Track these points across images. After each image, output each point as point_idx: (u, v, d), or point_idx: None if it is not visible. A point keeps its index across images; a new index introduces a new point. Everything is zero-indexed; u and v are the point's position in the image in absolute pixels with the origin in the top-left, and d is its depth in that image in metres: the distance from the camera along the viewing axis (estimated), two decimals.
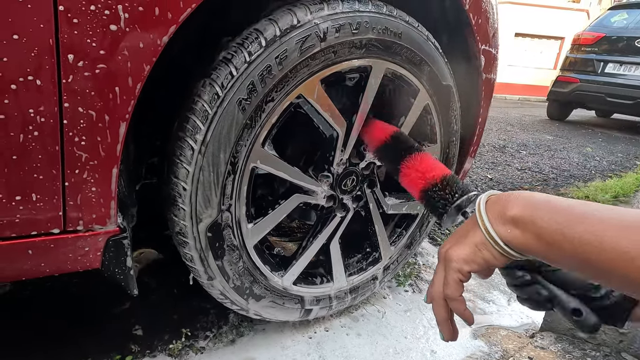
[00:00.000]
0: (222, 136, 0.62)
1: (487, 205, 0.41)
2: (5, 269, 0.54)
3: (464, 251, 0.41)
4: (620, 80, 4.54)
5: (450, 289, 0.42)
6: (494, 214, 0.40)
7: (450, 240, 0.44)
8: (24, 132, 0.47)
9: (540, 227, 0.36)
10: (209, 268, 0.71)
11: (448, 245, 0.44)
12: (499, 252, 0.39)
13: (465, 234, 0.42)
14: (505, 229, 0.38)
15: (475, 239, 0.41)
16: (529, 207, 0.37)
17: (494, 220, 0.39)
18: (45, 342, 0.82)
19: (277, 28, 0.62)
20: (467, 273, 0.42)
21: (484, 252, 0.40)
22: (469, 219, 0.44)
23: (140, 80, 0.50)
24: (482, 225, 0.40)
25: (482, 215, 0.41)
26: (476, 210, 0.42)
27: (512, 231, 0.38)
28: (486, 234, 0.40)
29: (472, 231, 0.42)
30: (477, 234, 0.41)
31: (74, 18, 0.45)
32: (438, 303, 0.44)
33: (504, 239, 0.39)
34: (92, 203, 0.54)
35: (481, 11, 0.87)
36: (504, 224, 0.39)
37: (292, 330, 0.94)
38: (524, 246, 0.37)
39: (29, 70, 0.44)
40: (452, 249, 0.43)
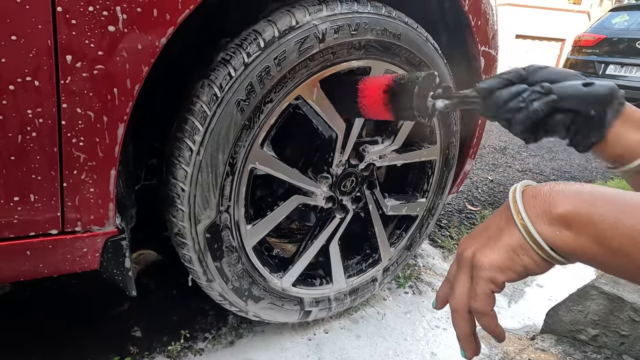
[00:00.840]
0: (220, 137, 0.62)
1: (525, 201, 0.33)
2: (4, 269, 0.54)
3: (498, 256, 0.34)
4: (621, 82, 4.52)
5: (480, 302, 0.35)
6: (536, 210, 0.32)
7: (475, 239, 0.36)
8: (22, 133, 0.47)
9: (603, 229, 0.29)
10: (207, 269, 0.71)
11: (473, 246, 0.36)
12: (542, 259, 0.32)
13: (497, 234, 0.35)
14: (553, 230, 0.31)
15: (511, 242, 0.33)
16: (584, 203, 0.30)
17: (536, 219, 0.32)
18: (44, 343, 0.82)
19: (275, 29, 0.62)
20: (501, 284, 0.34)
21: (523, 258, 0.33)
22: (498, 214, 0.36)
23: (138, 81, 0.50)
24: (522, 225, 0.33)
25: (520, 213, 0.33)
26: (511, 204, 0.34)
27: (561, 233, 0.31)
28: (527, 237, 0.32)
29: (507, 231, 0.34)
30: (514, 236, 0.33)
31: (72, 19, 0.45)
32: (462, 316, 0.36)
33: (550, 242, 0.32)
34: (90, 204, 0.54)
35: (480, 12, 0.87)
36: (551, 224, 0.31)
37: (291, 332, 0.94)
38: (578, 252, 0.31)
39: (27, 71, 0.44)
40: (480, 253, 0.35)
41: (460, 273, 0.37)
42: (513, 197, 0.35)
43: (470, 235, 0.38)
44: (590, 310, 0.96)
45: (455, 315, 0.37)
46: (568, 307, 1.00)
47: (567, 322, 0.99)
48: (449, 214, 1.80)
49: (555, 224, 0.31)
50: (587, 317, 0.97)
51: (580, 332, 0.98)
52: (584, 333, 0.97)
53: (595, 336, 0.96)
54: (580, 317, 0.98)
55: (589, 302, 0.97)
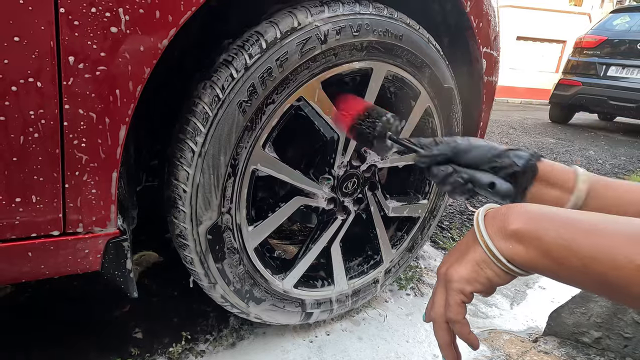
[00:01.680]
0: (222, 138, 0.62)
1: (486, 220, 0.39)
2: (5, 271, 0.54)
3: (465, 270, 0.39)
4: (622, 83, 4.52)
5: (452, 311, 0.40)
6: (494, 228, 0.38)
7: (449, 259, 0.42)
8: (24, 134, 0.47)
9: (546, 242, 0.34)
10: (209, 271, 0.71)
11: (447, 264, 0.42)
12: (502, 270, 0.37)
13: (465, 251, 0.40)
14: (507, 244, 0.36)
15: (475, 257, 0.39)
16: (531, 220, 0.35)
17: (495, 236, 0.37)
18: (45, 344, 0.82)
19: (277, 30, 0.62)
20: (469, 294, 0.39)
21: (486, 271, 0.38)
22: (468, 234, 0.42)
23: (140, 82, 0.50)
24: (482, 242, 0.38)
25: (481, 231, 0.38)
26: (474, 225, 0.40)
27: (514, 247, 0.36)
28: (487, 251, 0.37)
29: (472, 248, 0.39)
30: (478, 251, 0.38)
31: (74, 20, 0.45)
32: (440, 326, 0.41)
33: (506, 255, 0.36)
34: (92, 205, 0.54)
35: (482, 14, 0.87)
36: (506, 239, 0.36)
37: (293, 334, 0.94)
38: (528, 263, 0.35)
39: (30, 72, 0.45)
40: (452, 268, 0.40)
41: (437, 288, 0.42)
42: (476, 218, 0.40)
43: (447, 255, 0.44)
44: (593, 313, 0.96)
45: (435, 326, 0.42)
46: (571, 310, 0.99)
47: (570, 324, 0.99)
48: (451, 216, 1.79)
49: (510, 239, 0.36)
50: (590, 319, 0.96)
51: (583, 335, 0.97)
52: (587, 335, 0.97)
53: (599, 339, 0.95)
54: (583, 320, 0.97)
55: (592, 304, 0.96)
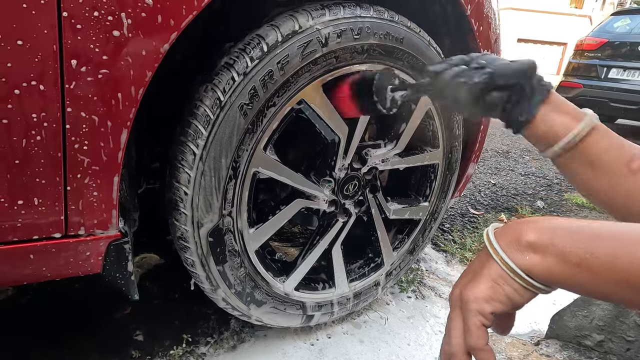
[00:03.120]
0: (223, 141, 0.62)
1: (497, 235, 0.37)
2: (7, 273, 0.54)
3: (482, 288, 0.36)
4: (623, 86, 4.52)
5: (473, 337, 0.36)
6: (507, 242, 0.36)
7: (462, 281, 0.39)
8: (26, 136, 0.47)
9: (563, 248, 0.33)
10: (210, 273, 0.71)
11: (460, 286, 0.39)
12: (521, 286, 0.35)
13: (479, 269, 0.37)
14: (523, 256, 0.35)
15: (491, 273, 0.36)
16: (546, 230, 0.35)
17: (508, 249, 0.36)
18: (46, 346, 0.82)
19: (279, 33, 0.62)
20: (489, 315, 0.36)
21: (504, 287, 0.36)
22: (478, 256, 0.40)
23: (142, 86, 0.51)
24: (497, 256, 0.36)
25: (493, 245, 0.37)
26: (485, 242, 0.38)
27: (531, 258, 0.34)
28: (503, 265, 0.35)
29: (487, 265, 0.37)
30: (493, 267, 0.36)
31: (77, 24, 0.45)
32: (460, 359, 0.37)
33: (524, 268, 0.35)
34: (93, 208, 0.54)
35: (483, 17, 0.87)
36: (521, 251, 0.35)
37: (294, 337, 0.94)
38: (547, 273, 0.34)
39: (33, 75, 0.45)
40: (467, 289, 0.37)
41: (452, 314, 0.39)
42: (487, 236, 0.39)
43: (458, 280, 0.41)
44: (596, 316, 0.95)
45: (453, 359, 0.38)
46: (573, 312, 0.99)
47: (572, 327, 0.98)
48: (452, 218, 1.79)
49: (525, 251, 0.35)
50: (592, 322, 0.96)
51: (585, 338, 0.97)
52: (589, 339, 0.96)
53: (601, 342, 0.95)
54: (585, 323, 0.97)
55: (594, 307, 0.96)
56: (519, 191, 2.29)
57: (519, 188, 2.35)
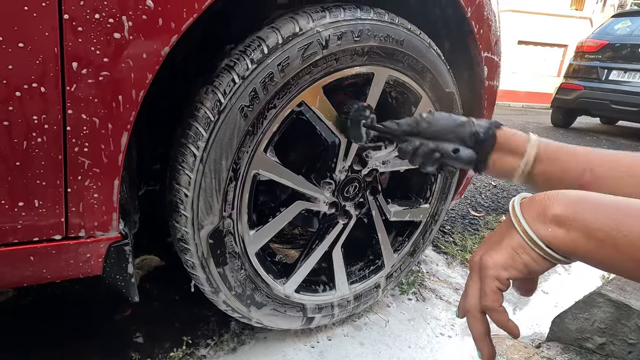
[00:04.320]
0: (224, 143, 0.62)
1: (522, 207, 0.38)
2: (8, 275, 0.54)
3: (501, 256, 0.38)
4: (624, 87, 4.52)
5: (488, 299, 0.38)
6: (532, 214, 0.37)
7: (482, 247, 0.41)
8: (27, 138, 0.47)
9: (590, 223, 0.33)
10: (210, 275, 0.71)
11: (481, 252, 0.40)
12: (539, 255, 0.36)
13: (500, 238, 0.39)
14: (546, 228, 0.35)
15: (512, 242, 0.37)
16: (572, 203, 0.35)
17: (533, 221, 0.36)
18: (46, 348, 0.82)
19: (279, 36, 0.62)
20: (506, 280, 0.38)
21: (523, 256, 0.37)
22: (501, 224, 0.41)
23: (142, 88, 0.51)
24: (519, 227, 0.37)
25: (517, 216, 0.37)
26: (510, 211, 0.39)
27: (554, 230, 0.35)
28: (524, 236, 0.37)
29: (508, 234, 0.38)
30: (514, 237, 0.37)
31: (78, 26, 0.45)
32: (475, 317, 0.39)
33: (545, 240, 0.36)
34: (94, 209, 0.55)
35: (483, 19, 0.88)
36: (545, 223, 0.36)
37: (294, 339, 0.93)
38: (570, 246, 0.34)
39: (34, 77, 0.45)
40: (486, 255, 0.39)
41: (470, 278, 0.41)
42: (512, 206, 0.39)
43: (479, 247, 0.43)
44: (597, 318, 0.95)
45: (470, 317, 0.40)
46: (574, 315, 0.98)
47: (573, 330, 0.98)
48: (453, 220, 1.79)
49: (550, 223, 0.36)
50: (593, 324, 0.96)
51: (586, 340, 0.96)
52: (590, 341, 0.96)
53: (602, 344, 0.95)
54: (587, 325, 0.96)
55: (596, 309, 0.96)
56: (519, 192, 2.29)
57: (520, 190, 2.35)
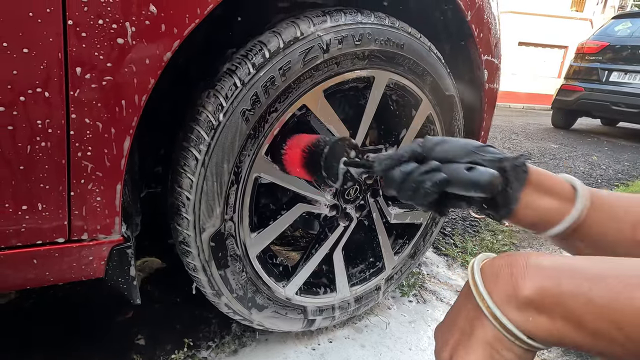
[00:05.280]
0: (225, 146, 0.63)
1: (487, 283, 0.30)
2: (11, 277, 0.54)
3: (477, 356, 0.29)
4: (625, 89, 4.52)
5: None
6: (501, 294, 0.29)
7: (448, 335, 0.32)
8: (31, 142, 0.47)
9: (575, 311, 0.26)
10: (212, 278, 0.71)
11: (447, 345, 0.32)
12: (523, 350, 0.29)
13: (469, 328, 0.30)
14: (524, 317, 0.28)
15: (487, 337, 0.29)
16: (548, 280, 0.27)
17: (504, 305, 0.28)
18: (48, 350, 0.82)
19: (280, 40, 0.63)
20: None
21: (504, 354, 0.29)
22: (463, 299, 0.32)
23: (145, 92, 0.51)
24: (490, 314, 0.29)
25: (485, 299, 0.29)
26: (473, 290, 0.30)
27: (535, 320, 0.27)
28: (500, 327, 0.29)
29: (479, 324, 0.30)
30: (488, 329, 0.29)
31: (82, 32, 0.46)
32: None
33: (525, 331, 0.28)
34: (96, 213, 0.55)
35: (483, 22, 0.88)
36: (520, 309, 0.28)
37: (295, 341, 0.94)
38: (557, 338, 0.27)
39: (38, 82, 0.45)
40: (457, 356, 0.30)
41: None
42: (473, 281, 0.31)
43: (443, 326, 0.34)
44: None
45: None
46: None
47: None
48: (453, 222, 1.79)
49: (525, 309, 0.28)
50: None
51: None
52: None
53: None
54: None
55: None
56: None
57: None
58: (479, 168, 0.38)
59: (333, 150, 0.56)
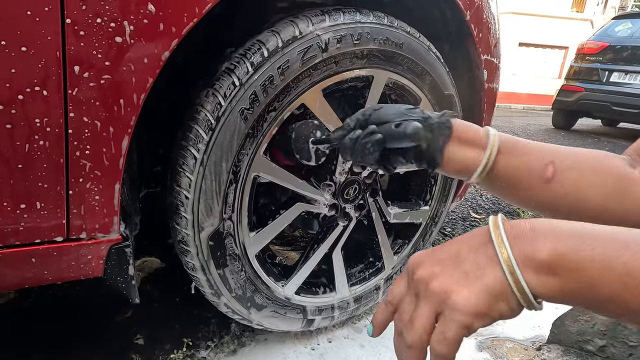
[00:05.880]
0: (224, 145, 0.63)
1: (510, 239, 0.30)
2: (9, 276, 0.54)
3: (478, 302, 0.29)
4: (625, 89, 4.52)
5: (448, 348, 0.30)
6: (519, 253, 0.29)
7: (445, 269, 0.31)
8: (30, 141, 0.48)
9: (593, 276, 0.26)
10: (211, 277, 0.71)
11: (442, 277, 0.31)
12: (519, 305, 0.29)
13: (477, 272, 0.30)
14: (539, 278, 0.28)
15: (495, 286, 0.29)
16: (567, 245, 0.28)
17: (521, 264, 0.29)
18: (47, 349, 0.82)
19: (279, 39, 0.63)
20: (475, 330, 0.30)
21: (501, 305, 0.29)
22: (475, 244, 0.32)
23: (143, 91, 0.51)
24: (509, 270, 0.29)
25: (509, 255, 0.29)
26: (496, 241, 0.30)
27: (548, 281, 0.28)
28: (513, 284, 0.29)
29: (490, 272, 0.30)
30: (498, 279, 0.29)
31: (80, 30, 0.46)
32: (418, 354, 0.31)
33: (533, 289, 0.28)
34: (95, 212, 0.55)
35: (482, 22, 0.88)
36: (536, 271, 0.28)
37: (294, 341, 0.94)
38: (566, 298, 0.28)
39: (36, 81, 0.45)
40: (458, 294, 0.30)
41: (422, 305, 0.32)
42: (497, 233, 0.30)
43: (433, 258, 0.33)
44: (598, 320, 0.95)
45: (411, 352, 0.32)
46: (574, 317, 0.98)
47: (574, 332, 0.98)
48: (453, 222, 1.79)
49: (541, 271, 0.28)
50: (594, 327, 0.95)
51: (587, 343, 0.96)
52: (591, 344, 0.96)
53: (603, 347, 0.94)
54: (587, 327, 0.96)
55: None
56: None
57: None
58: (404, 123, 0.47)
59: (299, 134, 0.64)
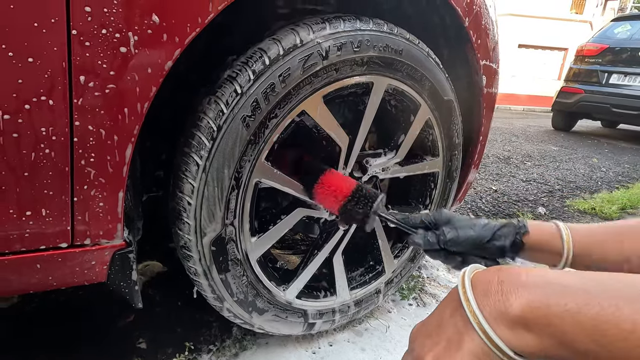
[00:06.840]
0: (226, 152, 0.63)
1: (477, 298, 0.30)
2: (14, 282, 0.55)
3: None
4: (625, 91, 4.53)
5: None
6: (491, 310, 0.29)
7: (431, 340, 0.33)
8: (36, 149, 0.48)
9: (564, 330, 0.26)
10: (212, 282, 0.72)
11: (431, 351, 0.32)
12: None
13: (457, 338, 0.31)
14: (514, 335, 0.28)
15: (476, 350, 0.30)
16: (537, 298, 0.28)
17: (494, 321, 0.29)
18: (50, 354, 0.82)
19: (280, 47, 0.64)
20: None
21: None
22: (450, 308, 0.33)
23: (147, 100, 0.52)
24: (481, 330, 0.29)
25: (476, 314, 0.30)
26: (464, 303, 0.31)
27: (523, 337, 0.28)
28: (489, 344, 0.29)
29: (467, 336, 0.30)
30: (476, 342, 0.30)
31: (86, 41, 0.47)
32: None
33: (513, 347, 0.28)
34: (99, 218, 0.56)
35: (481, 28, 0.89)
36: (509, 327, 0.28)
37: (296, 345, 0.94)
38: (544, 355, 0.28)
39: (43, 90, 0.46)
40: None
41: None
42: (464, 293, 0.31)
43: (424, 331, 0.35)
44: None
45: None
46: None
47: None
48: None
49: (515, 327, 0.28)
50: None
51: None
52: None
53: None
54: None
55: None
56: (520, 197, 2.29)
57: (521, 194, 2.36)
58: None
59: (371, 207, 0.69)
